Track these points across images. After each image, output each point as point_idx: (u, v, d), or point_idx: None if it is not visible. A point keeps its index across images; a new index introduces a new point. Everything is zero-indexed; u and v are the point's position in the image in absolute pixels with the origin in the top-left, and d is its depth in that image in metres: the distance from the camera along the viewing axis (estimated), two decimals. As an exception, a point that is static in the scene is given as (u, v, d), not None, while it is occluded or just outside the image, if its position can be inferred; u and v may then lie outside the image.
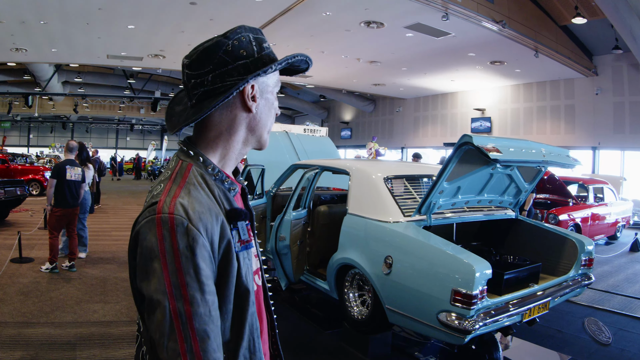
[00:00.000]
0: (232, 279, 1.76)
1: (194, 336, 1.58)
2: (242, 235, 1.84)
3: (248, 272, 1.85)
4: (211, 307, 1.64)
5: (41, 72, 36.52)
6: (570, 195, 16.65)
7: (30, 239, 13.49)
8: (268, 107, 2.01)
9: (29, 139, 72.07)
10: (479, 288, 5.38)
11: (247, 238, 1.86)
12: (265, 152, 12.13)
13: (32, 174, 28.12)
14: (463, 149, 5.79)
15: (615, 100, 26.36)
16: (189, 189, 1.76)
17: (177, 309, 1.58)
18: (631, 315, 9.38)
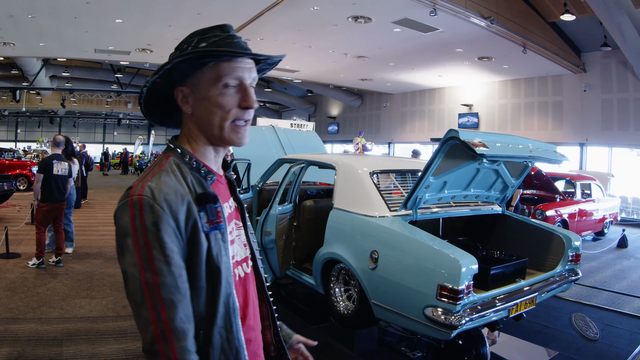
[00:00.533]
0: (201, 256, 1.90)
1: (162, 305, 1.77)
2: (210, 216, 1.95)
3: (220, 253, 1.96)
4: (178, 278, 1.81)
5: (29, 67, 36.38)
6: (558, 191, 16.66)
7: (17, 234, 13.46)
8: (207, 104, 2.07)
9: (17, 133, 71.85)
10: (465, 283, 5.37)
11: (215, 219, 1.97)
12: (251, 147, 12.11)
13: (19, 169, 28.00)
14: (449, 144, 5.78)
15: (603, 97, 26.43)
16: (160, 175, 1.96)
17: (146, 280, 1.77)
18: (618, 311, 9.40)
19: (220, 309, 1.93)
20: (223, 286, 1.95)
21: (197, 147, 2.16)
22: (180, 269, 1.84)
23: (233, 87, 2.06)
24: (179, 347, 1.79)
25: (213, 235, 1.96)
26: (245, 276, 2.21)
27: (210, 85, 2.04)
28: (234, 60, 2.06)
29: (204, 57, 2.01)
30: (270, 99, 50.31)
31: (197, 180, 2.05)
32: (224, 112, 2.05)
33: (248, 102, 2.07)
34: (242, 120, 2.09)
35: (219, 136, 2.09)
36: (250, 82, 2.11)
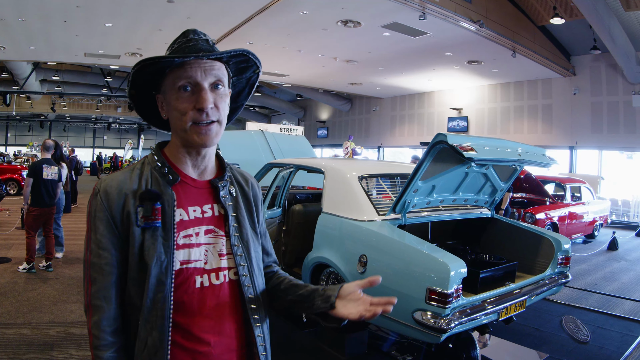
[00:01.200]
0: (134, 249, 2.05)
1: (89, 280, 2.07)
2: (145, 212, 2.06)
3: (151, 250, 2.03)
4: (102, 260, 2.05)
5: (19, 70, 36.27)
6: (548, 194, 16.72)
7: (7, 239, 13.46)
8: (171, 109, 2.15)
9: (7, 137, 71.75)
10: (454, 287, 5.37)
11: (150, 216, 2.06)
12: (240, 151, 12.14)
13: (9, 173, 27.91)
14: (437, 148, 5.79)
15: (593, 100, 26.53)
16: (120, 172, 2.19)
17: (85, 258, 2.11)
18: (609, 313, 9.42)
19: (147, 304, 2.01)
20: (151, 283, 2.01)
21: (173, 151, 2.26)
22: (107, 252, 2.05)
23: (189, 90, 2.09)
24: (93, 321, 2.02)
25: (150, 231, 2.06)
26: (212, 287, 2.17)
27: (170, 90, 2.12)
28: (186, 63, 2.09)
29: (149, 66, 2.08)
30: (260, 103, 50.29)
31: (155, 179, 2.17)
32: (182, 114, 2.10)
33: (200, 103, 2.07)
34: (202, 121, 2.10)
35: (184, 138, 2.15)
36: (210, 80, 2.12)
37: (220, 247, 2.24)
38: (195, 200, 2.24)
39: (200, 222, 2.21)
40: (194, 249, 2.14)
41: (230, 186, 2.40)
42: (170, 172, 2.19)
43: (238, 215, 2.36)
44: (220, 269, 2.21)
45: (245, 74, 2.45)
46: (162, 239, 2.05)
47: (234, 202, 2.38)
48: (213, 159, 2.38)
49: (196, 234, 2.18)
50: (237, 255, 2.27)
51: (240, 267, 2.27)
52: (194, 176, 2.28)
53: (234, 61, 2.29)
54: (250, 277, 2.30)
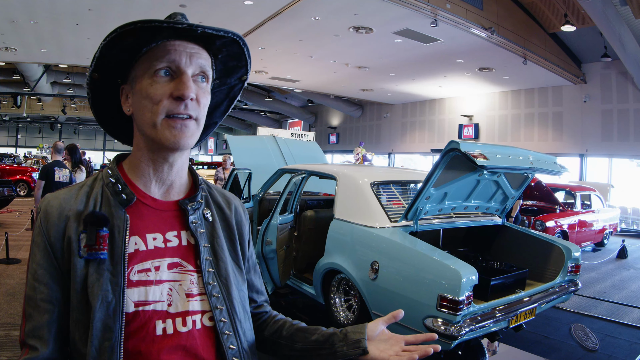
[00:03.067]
0: (75, 284, 1.66)
1: (24, 317, 1.69)
2: (87, 240, 1.66)
3: (95, 287, 1.63)
4: (38, 295, 1.68)
5: (30, 72, 36.30)
6: (558, 202, 16.67)
7: (17, 240, 13.41)
8: (139, 98, 1.74)
9: (17, 139, 71.85)
10: (465, 294, 5.38)
11: (93, 245, 1.66)
12: (252, 157, 12.14)
13: (19, 174, 28.00)
14: (450, 155, 5.80)
15: (603, 107, 26.43)
16: (67, 189, 1.82)
17: (25, 291, 1.74)
18: (618, 321, 9.39)
19: (92, 353, 1.59)
20: (96, 328, 1.60)
21: (134, 162, 1.86)
22: (43, 286, 1.68)
23: (167, 75, 1.71)
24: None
25: (95, 263, 1.66)
26: (179, 336, 1.72)
27: (143, 74, 1.73)
28: (170, 43, 1.72)
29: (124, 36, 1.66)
30: (271, 108, 50.19)
31: (106, 198, 1.77)
32: (153, 103, 1.69)
33: (180, 89, 1.68)
34: (179, 114, 1.70)
35: (152, 136, 1.73)
36: (193, 69, 1.74)
37: (188, 286, 1.79)
38: (156, 226, 1.81)
39: (162, 253, 1.78)
40: (152, 287, 1.72)
41: (205, 209, 1.96)
42: (125, 190, 1.78)
43: (214, 245, 1.91)
44: (189, 312, 1.76)
45: (230, 78, 2.02)
46: (110, 274, 1.66)
47: (210, 228, 1.94)
48: (185, 173, 1.95)
49: (156, 268, 1.75)
50: (212, 297, 1.82)
51: (217, 310, 1.81)
52: (157, 195, 1.86)
53: (225, 54, 1.89)
54: (231, 323, 1.84)
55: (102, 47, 1.67)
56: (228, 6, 17.97)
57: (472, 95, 33.79)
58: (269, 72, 30.23)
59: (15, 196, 19.14)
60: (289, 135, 22.68)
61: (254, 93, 45.12)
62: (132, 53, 1.74)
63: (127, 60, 1.76)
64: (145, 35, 1.68)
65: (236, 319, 1.86)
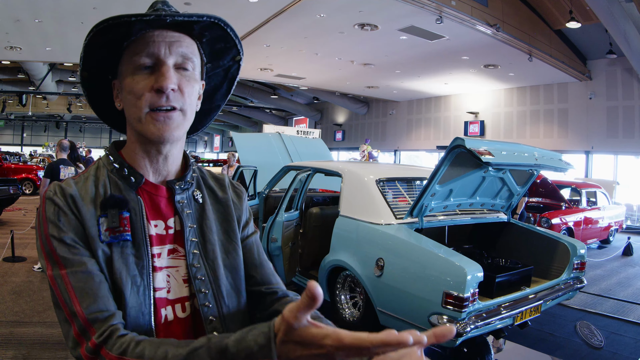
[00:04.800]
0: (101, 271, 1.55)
1: (74, 296, 1.48)
2: (110, 223, 1.61)
3: (124, 271, 1.58)
4: (88, 264, 1.52)
5: (35, 71, 36.32)
6: (563, 199, 16.63)
7: (23, 238, 13.50)
8: (125, 94, 1.71)
9: (23, 137, 71.98)
10: (470, 291, 5.39)
11: (117, 227, 1.61)
12: (258, 154, 12.15)
13: (25, 172, 28.04)
14: (455, 152, 5.81)
15: (608, 104, 26.43)
16: (71, 179, 1.72)
17: (53, 275, 1.51)
18: (623, 319, 9.38)
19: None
20: (131, 315, 1.55)
21: (129, 152, 1.82)
22: (88, 257, 1.54)
23: (147, 68, 1.68)
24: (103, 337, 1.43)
25: (118, 247, 1.61)
26: (179, 322, 1.71)
27: (127, 69, 1.70)
28: (149, 34, 1.69)
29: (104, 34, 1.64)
30: (276, 105, 50.13)
31: (115, 184, 1.73)
32: (136, 98, 1.66)
33: (159, 81, 1.64)
34: (161, 106, 1.66)
35: (139, 130, 1.71)
36: (174, 58, 1.70)
37: (184, 272, 1.76)
38: (158, 213, 1.78)
39: (163, 240, 1.76)
40: (157, 274, 1.69)
41: (195, 190, 1.92)
42: (133, 172, 1.76)
43: (202, 226, 1.86)
44: (187, 298, 1.75)
45: (222, 60, 1.97)
46: (134, 257, 1.63)
47: (199, 210, 1.89)
48: (179, 162, 1.91)
49: (158, 254, 1.72)
50: (195, 279, 1.75)
51: (201, 294, 1.75)
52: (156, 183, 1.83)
53: (209, 37, 1.84)
54: (217, 307, 1.77)
55: (85, 46, 1.67)
56: (233, 4, 17.97)
57: (478, 92, 33.78)
58: (274, 70, 30.29)
59: (21, 194, 19.15)
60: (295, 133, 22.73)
61: (260, 90, 45.18)
62: (115, 49, 1.72)
63: (111, 56, 1.75)
64: (121, 30, 1.66)
65: (222, 303, 1.78)
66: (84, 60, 1.71)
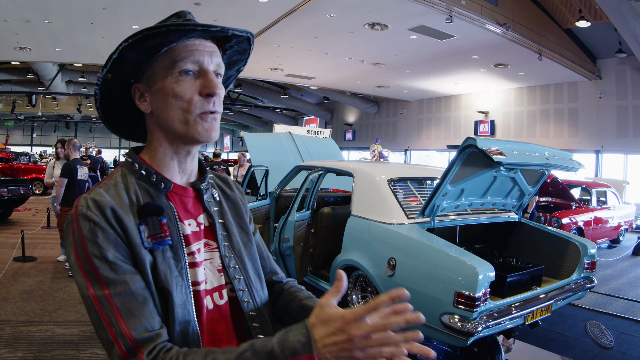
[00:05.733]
0: (147, 276, 1.64)
1: (119, 317, 1.54)
2: (151, 230, 1.69)
3: (169, 273, 1.68)
4: (131, 284, 1.58)
5: (45, 72, 36.36)
6: (573, 198, 16.61)
7: (33, 238, 13.52)
8: (164, 97, 1.77)
9: (32, 138, 72.12)
10: (482, 290, 5.40)
11: (159, 233, 1.70)
12: (269, 154, 12.19)
13: (35, 173, 28.22)
14: (467, 152, 5.81)
15: (618, 103, 26.35)
16: (100, 187, 1.76)
17: (96, 295, 1.55)
18: (633, 319, 9.37)
19: (176, 340, 1.63)
20: (178, 313, 1.66)
21: (155, 155, 1.88)
22: (131, 274, 1.60)
23: (191, 73, 1.77)
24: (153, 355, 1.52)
25: (160, 252, 1.69)
26: (216, 310, 1.85)
27: (165, 74, 1.77)
28: (190, 42, 1.78)
29: (151, 38, 1.71)
30: (287, 105, 50.08)
31: (145, 190, 1.80)
32: (184, 102, 1.74)
33: (210, 87, 1.75)
34: (210, 110, 1.77)
35: (183, 132, 1.77)
36: (213, 67, 1.81)
37: (217, 262, 1.91)
38: (188, 212, 1.90)
39: (198, 236, 1.89)
40: (197, 269, 1.81)
41: (212, 189, 2.07)
42: (161, 178, 1.83)
43: (225, 221, 2.03)
44: (222, 286, 1.89)
45: (231, 70, 2.13)
46: (174, 259, 1.72)
47: (219, 207, 2.05)
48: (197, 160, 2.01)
49: (198, 250, 1.84)
50: (229, 268, 1.92)
51: (236, 280, 1.92)
52: (182, 184, 1.93)
53: (233, 51, 2.00)
54: (249, 291, 1.95)
55: (123, 48, 1.70)
56: (243, 4, 18.00)
57: (488, 91, 33.73)
58: (284, 70, 30.29)
59: (31, 194, 19.25)
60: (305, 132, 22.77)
61: (270, 90, 45.18)
62: (151, 53, 1.77)
63: (144, 60, 1.80)
64: (168, 35, 1.73)
65: (252, 286, 1.97)
66: (114, 61, 1.73)
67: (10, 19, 20.33)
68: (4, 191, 16.20)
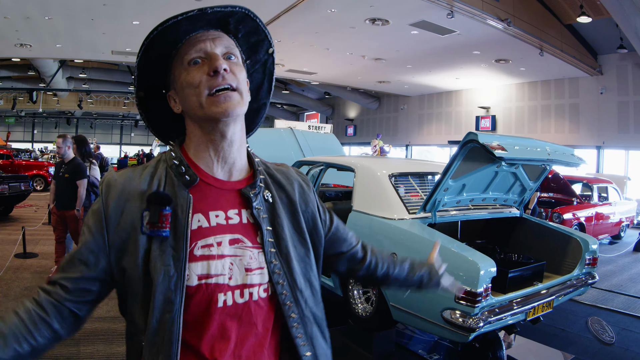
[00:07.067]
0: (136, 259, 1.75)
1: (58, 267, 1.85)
2: (151, 217, 1.75)
3: (158, 263, 1.72)
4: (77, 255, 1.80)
5: (46, 68, 36.47)
6: (575, 194, 16.65)
7: (34, 234, 13.58)
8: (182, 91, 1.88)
9: (33, 134, 71.99)
10: (483, 286, 5.38)
11: (156, 223, 1.75)
12: (270, 149, 12.17)
13: (36, 169, 28.19)
14: (468, 147, 5.79)
15: (619, 99, 26.34)
16: (131, 168, 1.90)
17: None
18: (634, 315, 9.39)
19: (152, 325, 1.70)
20: (158, 301, 1.70)
21: (191, 145, 1.95)
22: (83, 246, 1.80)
23: (199, 61, 1.85)
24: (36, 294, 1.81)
25: (157, 240, 1.75)
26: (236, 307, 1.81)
27: (180, 71, 1.88)
28: (193, 36, 1.89)
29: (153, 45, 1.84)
30: (288, 100, 50.20)
31: (170, 180, 1.86)
32: (195, 87, 1.82)
33: (213, 64, 1.81)
34: (219, 86, 1.80)
35: (203, 116, 1.84)
36: (221, 50, 1.88)
37: (247, 261, 1.86)
38: (219, 204, 1.89)
39: (224, 229, 1.86)
40: (214, 262, 1.79)
41: (265, 191, 2.00)
42: (188, 171, 1.87)
43: (275, 226, 1.96)
44: (246, 285, 1.83)
45: (258, 54, 2.15)
46: (172, 249, 1.75)
47: (271, 210, 1.99)
48: (244, 153, 2.02)
49: (218, 243, 1.82)
50: (274, 274, 1.89)
51: (279, 285, 1.89)
52: (220, 176, 1.94)
53: (243, 32, 2.02)
54: (292, 295, 1.91)
55: (138, 65, 1.86)
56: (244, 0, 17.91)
57: (489, 86, 33.74)
58: (285, 65, 30.26)
59: (32, 191, 19.25)
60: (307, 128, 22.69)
61: (271, 86, 45.25)
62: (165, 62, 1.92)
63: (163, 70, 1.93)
64: (168, 37, 1.86)
65: (297, 290, 1.94)
66: (138, 79, 1.91)
67: (11, 15, 20.35)
68: (5, 188, 16.24)
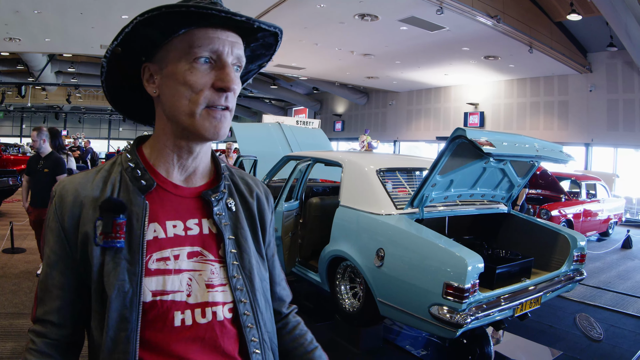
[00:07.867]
0: (92, 273, 1.62)
1: (36, 300, 1.71)
2: (104, 227, 1.61)
3: (111, 276, 1.58)
4: (49, 281, 1.67)
5: (34, 62, 36.29)
6: (563, 191, 16.66)
7: (22, 229, 13.50)
8: (173, 83, 1.65)
9: (22, 129, 71.77)
10: (471, 282, 5.37)
11: (110, 233, 1.61)
12: (258, 144, 12.18)
13: (24, 164, 27.94)
14: (456, 143, 5.78)
15: (609, 97, 26.39)
16: (84, 173, 1.75)
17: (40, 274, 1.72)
18: (622, 311, 9.40)
19: (107, 343, 1.57)
20: (112, 319, 1.57)
21: (156, 144, 1.80)
22: (54, 271, 1.66)
23: (207, 63, 1.64)
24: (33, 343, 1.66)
25: (111, 252, 1.61)
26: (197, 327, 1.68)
27: (179, 58, 1.64)
28: (212, 29, 1.64)
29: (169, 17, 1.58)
30: (276, 95, 50.10)
31: (124, 184, 1.72)
32: (193, 92, 1.62)
33: (225, 81, 1.62)
34: (219, 105, 1.64)
35: (188, 125, 1.65)
36: (232, 59, 1.67)
37: (209, 276, 1.73)
38: (177, 213, 1.76)
39: (182, 241, 1.73)
40: (170, 277, 1.66)
41: (228, 198, 1.90)
42: (145, 175, 1.73)
43: (238, 236, 1.86)
44: (208, 304, 1.71)
45: (253, 64, 2.00)
46: (127, 262, 1.61)
47: (233, 219, 1.88)
48: (208, 158, 1.90)
49: (175, 257, 1.69)
50: (236, 290, 1.77)
51: (241, 304, 1.77)
52: (178, 182, 1.81)
53: (259, 44, 1.88)
54: (253, 316, 1.80)
55: (137, 22, 1.59)
56: (233, -7, 17.87)
57: (478, 83, 33.77)
58: (274, 60, 29.31)
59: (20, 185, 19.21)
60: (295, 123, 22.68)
61: (259, 81, 45.13)
62: (167, 33, 1.65)
63: (157, 38, 1.68)
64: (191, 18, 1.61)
65: (258, 311, 1.82)
66: (126, 34, 1.63)
67: (0, 9, 20.23)
68: (-8, 182, 16.17)
